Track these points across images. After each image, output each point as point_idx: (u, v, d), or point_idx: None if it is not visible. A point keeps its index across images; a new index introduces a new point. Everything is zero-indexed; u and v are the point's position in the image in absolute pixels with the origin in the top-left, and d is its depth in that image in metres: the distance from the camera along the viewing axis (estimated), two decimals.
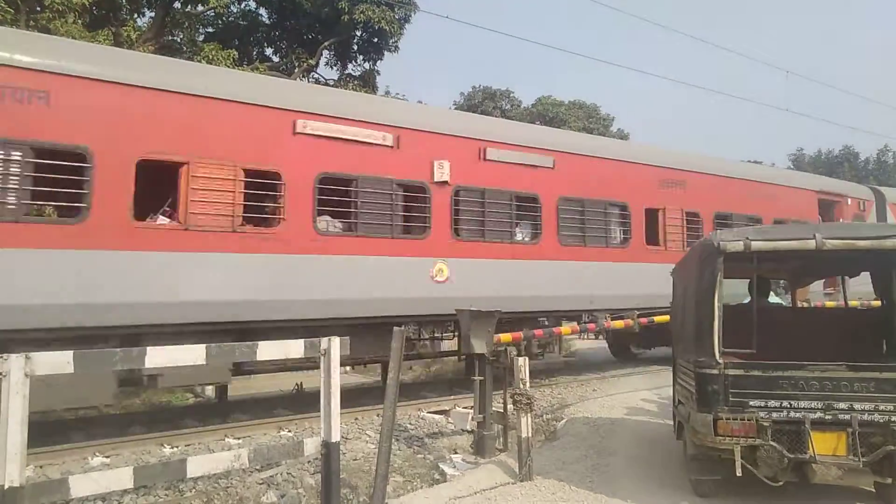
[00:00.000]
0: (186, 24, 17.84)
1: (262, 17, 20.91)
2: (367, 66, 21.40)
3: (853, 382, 4.53)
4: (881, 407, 4.45)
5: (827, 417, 4.50)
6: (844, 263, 6.08)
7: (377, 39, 20.19)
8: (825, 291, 13.35)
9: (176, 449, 7.17)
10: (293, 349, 4.74)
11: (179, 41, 18.31)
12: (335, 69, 21.83)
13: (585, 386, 10.94)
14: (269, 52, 21.53)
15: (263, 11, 20.83)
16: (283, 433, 7.94)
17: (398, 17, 19.45)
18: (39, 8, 13.44)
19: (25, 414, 3.26)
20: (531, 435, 6.11)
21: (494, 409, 7.03)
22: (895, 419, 4.41)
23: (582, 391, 10.47)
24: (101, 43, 14.22)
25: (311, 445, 4.48)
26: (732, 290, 5.88)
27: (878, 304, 5.86)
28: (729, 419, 4.58)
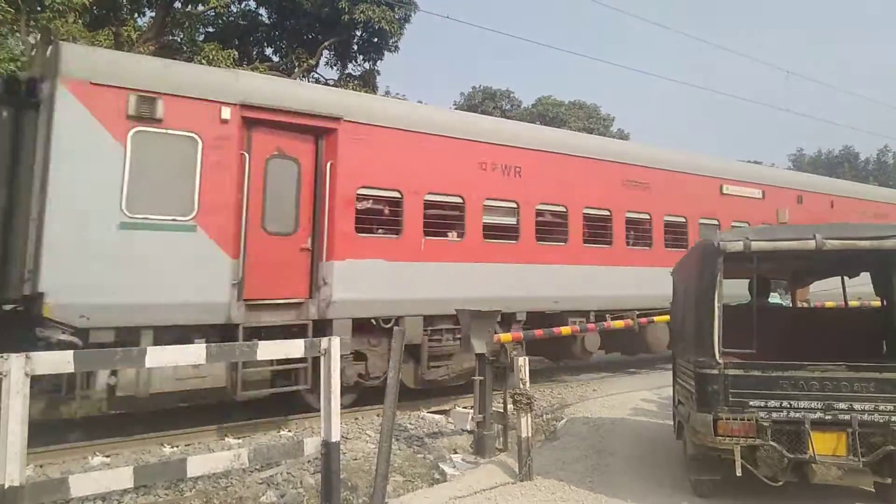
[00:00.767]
0: (186, 23, 17.84)
1: (262, 16, 20.91)
2: (367, 66, 21.41)
3: (853, 382, 4.54)
4: (881, 407, 4.46)
5: (827, 417, 4.51)
6: (844, 264, 6.09)
7: (377, 39, 20.18)
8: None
9: (176, 448, 7.18)
10: (293, 349, 4.74)
11: (179, 41, 18.31)
12: (335, 69, 21.86)
13: (585, 386, 10.94)
14: (269, 51, 21.53)
15: (263, 11, 20.83)
16: (283, 433, 7.95)
17: (398, 16, 19.43)
18: (40, 8, 13.43)
19: (26, 413, 3.26)
20: (531, 435, 6.10)
21: (494, 408, 7.03)
22: (895, 419, 4.41)
23: (582, 391, 10.48)
24: (101, 43, 14.23)
25: (311, 445, 4.48)
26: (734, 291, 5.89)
27: (877, 304, 5.87)
28: (729, 419, 4.58)
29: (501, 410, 6.98)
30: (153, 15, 17.62)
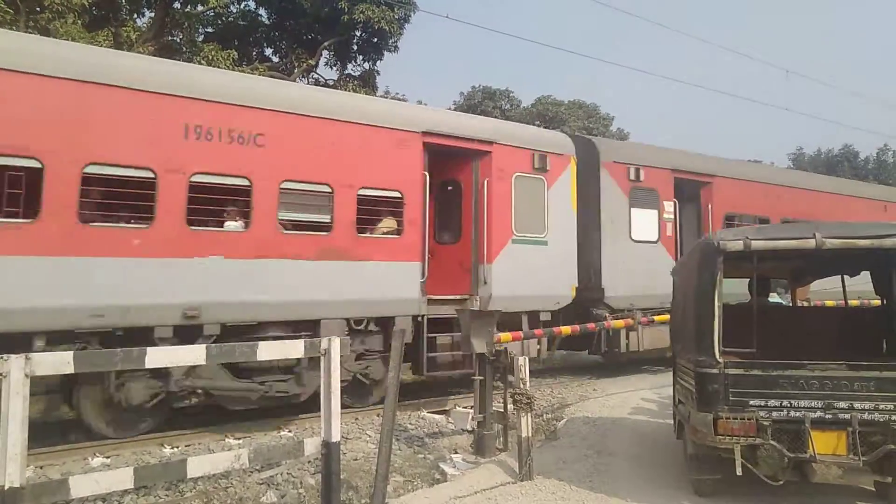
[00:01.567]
0: (186, 24, 17.83)
1: (261, 17, 20.91)
2: (366, 66, 21.41)
3: (853, 381, 4.53)
4: (881, 406, 4.45)
5: (827, 416, 4.51)
6: (844, 263, 6.09)
7: (377, 39, 20.18)
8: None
9: (176, 449, 7.17)
10: (293, 349, 4.74)
11: (179, 41, 18.31)
12: (335, 69, 21.86)
13: (585, 385, 10.95)
14: (268, 52, 21.54)
15: (263, 11, 20.83)
16: (283, 433, 7.94)
17: (398, 16, 19.43)
18: (39, 9, 13.44)
19: (26, 414, 3.26)
20: (531, 434, 6.11)
21: (494, 408, 7.03)
22: (895, 418, 4.41)
23: (582, 391, 10.48)
24: (100, 43, 14.23)
25: (311, 445, 4.48)
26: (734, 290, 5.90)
27: (877, 303, 5.87)
28: (729, 418, 4.58)
29: (502, 410, 6.98)
30: (152, 15, 17.61)
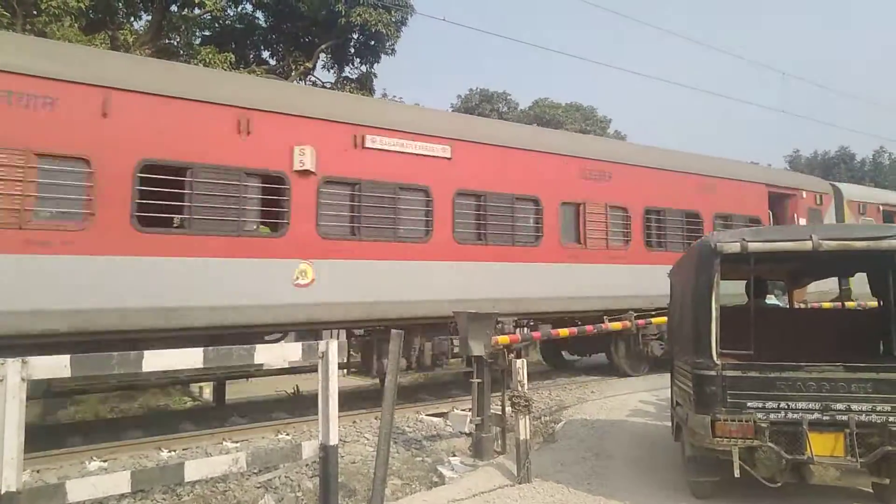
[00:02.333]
0: (183, 27, 17.80)
1: (258, 20, 20.89)
2: (363, 68, 21.40)
3: (850, 383, 4.54)
4: (878, 407, 4.46)
5: (824, 418, 4.51)
6: (841, 264, 6.10)
7: (374, 42, 20.18)
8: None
9: (173, 453, 7.15)
10: (291, 353, 4.73)
11: (176, 44, 18.30)
12: (332, 72, 21.85)
13: (583, 388, 10.94)
14: (265, 54, 21.51)
15: (260, 14, 20.81)
16: (280, 436, 7.93)
17: (395, 19, 19.43)
18: (36, 12, 13.42)
19: (22, 418, 3.25)
20: (529, 437, 6.10)
21: (493, 411, 7.02)
22: (892, 420, 4.42)
23: (580, 393, 10.47)
24: (97, 46, 14.21)
25: (308, 449, 4.47)
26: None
27: (874, 304, 5.89)
28: (727, 420, 4.58)
29: (500, 413, 6.98)
30: (149, 18, 17.60)
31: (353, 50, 20.87)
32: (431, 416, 8.95)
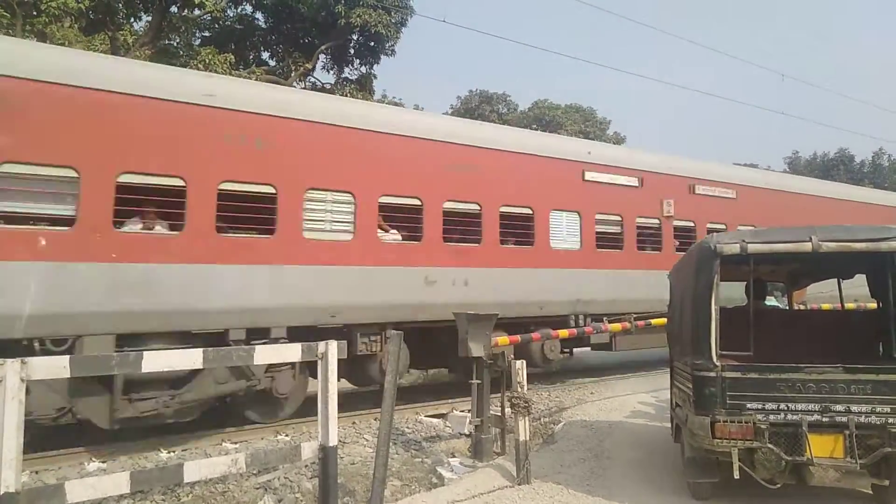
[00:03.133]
0: (183, 28, 17.87)
1: (258, 21, 20.92)
2: (363, 70, 21.46)
3: (850, 384, 4.54)
4: (878, 409, 4.46)
5: (824, 420, 4.51)
6: (840, 266, 6.10)
7: (374, 43, 20.22)
8: None
9: (172, 454, 7.15)
10: (291, 353, 4.73)
11: (176, 45, 18.32)
12: (332, 73, 21.89)
13: (583, 389, 10.94)
14: (265, 56, 21.56)
15: (259, 15, 20.86)
16: (280, 437, 7.92)
17: (394, 20, 19.48)
18: (36, 12, 13.44)
19: (21, 419, 3.24)
20: (529, 438, 6.10)
21: (492, 412, 7.02)
22: (892, 421, 4.42)
23: (579, 394, 10.47)
24: (97, 47, 14.22)
25: (308, 450, 4.47)
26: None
27: (874, 306, 5.89)
28: (726, 422, 4.58)
29: (499, 414, 6.97)
30: (149, 19, 17.62)
31: (352, 51, 20.92)
32: (431, 417, 8.95)
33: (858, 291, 6.19)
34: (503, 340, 7.56)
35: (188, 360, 4.21)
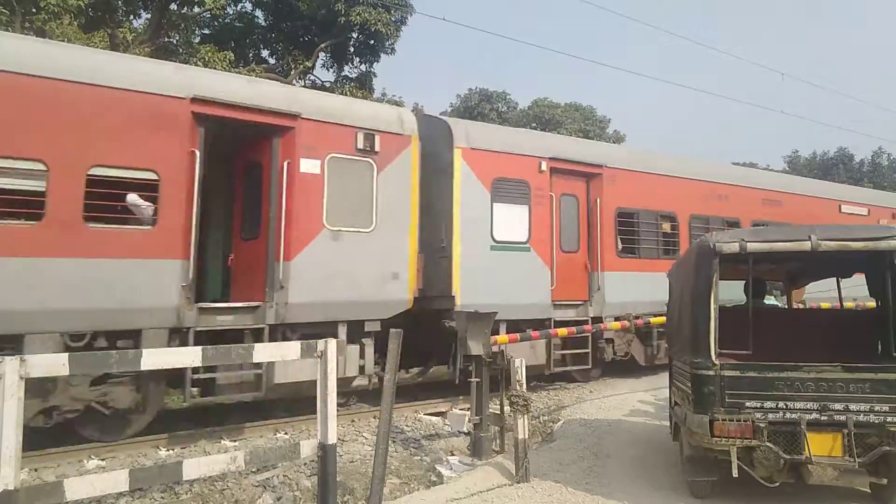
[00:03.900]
0: (182, 25, 17.81)
1: (258, 19, 20.90)
2: (363, 68, 21.43)
3: (849, 383, 4.55)
4: (876, 408, 4.47)
5: (823, 418, 4.52)
6: (839, 265, 6.11)
7: (373, 41, 20.19)
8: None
9: (172, 451, 7.15)
10: (290, 351, 4.73)
11: (175, 43, 18.29)
12: (331, 71, 21.85)
13: (582, 387, 10.95)
14: (265, 53, 21.53)
15: (259, 13, 20.83)
16: (279, 435, 7.92)
17: (394, 19, 19.45)
18: (35, 10, 13.41)
19: (20, 416, 3.24)
20: (528, 436, 6.10)
21: (491, 410, 7.03)
22: (890, 420, 4.43)
23: (579, 393, 10.48)
24: (96, 45, 14.21)
25: (307, 448, 4.47)
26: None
27: (872, 305, 5.89)
28: (725, 420, 4.59)
29: (498, 412, 6.98)
30: (149, 17, 17.59)
31: (352, 49, 20.89)
32: (430, 415, 8.95)
33: (859, 291, 6.19)
34: (502, 339, 7.56)
35: (188, 357, 4.21)
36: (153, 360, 3.91)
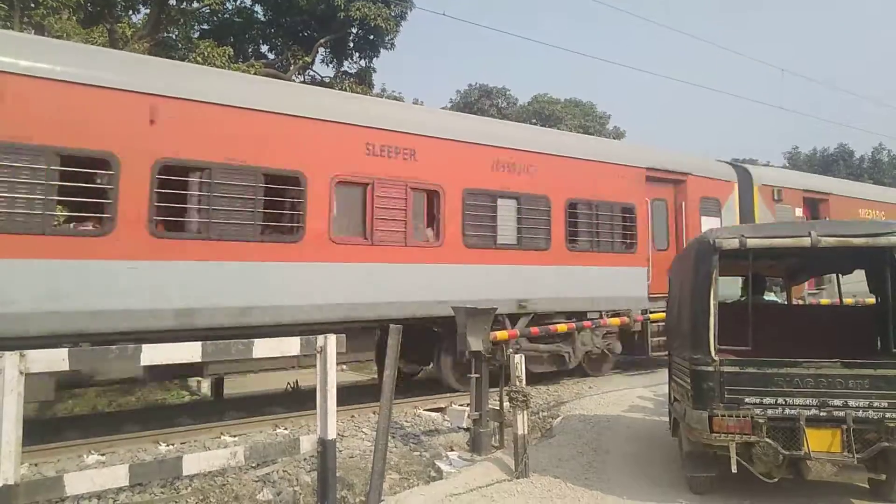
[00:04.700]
0: (182, 20, 17.76)
1: (257, 13, 20.84)
2: (363, 63, 21.37)
3: (848, 379, 4.56)
4: (875, 404, 4.48)
5: (822, 414, 4.53)
6: (839, 261, 6.11)
7: (373, 37, 20.13)
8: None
9: (171, 446, 7.15)
10: (290, 347, 4.74)
11: (175, 38, 18.24)
12: (331, 66, 21.80)
13: (581, 383, 10.95)
14: (264, 49, 21.46)
15: (259, 8, 20.76)
16: (279, 431, 7.93)
17: (394, 14, 19.39)
18: (34, 5, 13.37)
19: (20, 412, 3.25)
20: (527, 432, 6.11)
21: (491, 406, 7.03)
22: (889, 415, 4.43)
23: (578, 388, 10.49)
24: (95, 40, 14.17)
25: (307, 443, 4.48)
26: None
27: (872, 301, 5.90)
28: (724, 416, 4.60)
29: (498, 408, 6.98)
30: (148, 12, 17.53)
31: (352, 44, 20.83)
32: (429, 411, 8.96)
33: (859, 288, 6.19)
34: (502, 334, 7.56)
35: (187, 353, 4.22)
36: (152, 355, 3.91)
